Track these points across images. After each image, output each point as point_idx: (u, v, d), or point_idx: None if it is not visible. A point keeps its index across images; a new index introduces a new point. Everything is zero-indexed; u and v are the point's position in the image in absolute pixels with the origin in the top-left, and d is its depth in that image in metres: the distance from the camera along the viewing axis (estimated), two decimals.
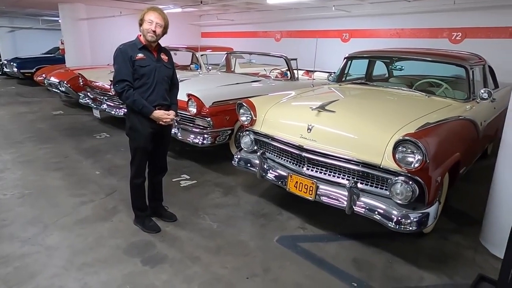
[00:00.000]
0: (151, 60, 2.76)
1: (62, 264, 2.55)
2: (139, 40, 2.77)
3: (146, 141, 2.84)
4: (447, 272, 2.60)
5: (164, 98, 2.85)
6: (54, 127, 6.54)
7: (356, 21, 8.68)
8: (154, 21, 2.68)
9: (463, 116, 3.08)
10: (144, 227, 3.04)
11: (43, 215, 3.25)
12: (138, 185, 2.97)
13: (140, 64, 2.70)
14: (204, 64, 6.73)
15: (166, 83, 2.88)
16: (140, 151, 2.86)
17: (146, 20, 2.68)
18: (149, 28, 2.67)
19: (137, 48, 2.73)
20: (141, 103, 2.71)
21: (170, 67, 2.91)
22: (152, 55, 2.79)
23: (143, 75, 2.72)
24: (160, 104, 2.81)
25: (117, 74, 2.71)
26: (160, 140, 2.96)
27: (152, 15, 2.68)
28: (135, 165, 2.91)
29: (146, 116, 2.75)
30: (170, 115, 2.83)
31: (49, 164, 4.58)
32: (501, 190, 2.76)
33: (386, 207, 2.56)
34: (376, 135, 2.65)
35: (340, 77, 4.45)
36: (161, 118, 2.78)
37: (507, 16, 6.34)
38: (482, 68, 4.08)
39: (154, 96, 2.77)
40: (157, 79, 2.78)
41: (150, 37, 2.70)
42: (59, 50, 12.74)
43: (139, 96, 2.71)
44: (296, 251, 2.82)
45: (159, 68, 2.79)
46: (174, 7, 9.61)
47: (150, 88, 2.75)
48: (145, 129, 2.80)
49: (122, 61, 2.68)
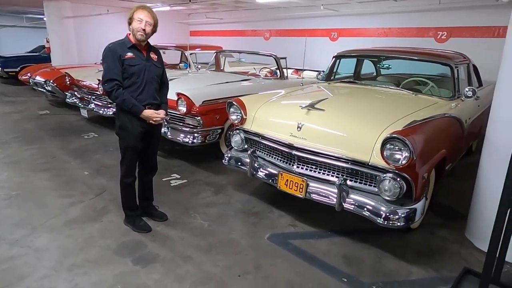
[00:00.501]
0: (140, 59, 2.75)
1: (52, 266, 2.53)
2: (129, 39, 2.75)
3: (136, 140, 2.82)
4: (434, 266, 2.67)
5: (154, 98, 2.84)
6: (40, 127, 6.42)
7: (344, 20, 8.76)
8: (144, 20, 2.67)
9: (448, 114, 3.15)
10: (134, 227, 3.02)
11: (31, 216, 3.21)
12: (128, 184, 2.96)
13: (130, 63, 2.69)
14: (194, 63, 6.71)
15: (156, 82, 2.87)
16: (130, 150, 2.85)
17: (135, 19, 2.67)
18: (139, 26, 2.66)
19: (127, 47, 2.71)
20: (130, 102, 2.69)
21: (160, 66, 2.91)
22: (142, 54, 2.78)
23: (132, 74, 2.71)
24: (150, 103, 2.80)
25: (106, 73, 2.69)
26: (150, 140, 2.95)
27: (142, 13, 2.68)
28: (125, 164, 2.90)
29: (136, 115, 2.74)
30: (160, 114, 2.82)
31: (36, 165, 4.51)
32: (485, 186, 2.85)
33: (374, 203, 2.61)
34: (365, 133, 2.69)
35: (329, 75, 4.49)
36: (151, 117, 2.77)
37: (490, 16, 6.50)
38: (466, 67, 4.18)
39: (144, 95, 2.76)
40: (147, 78, 2.77)
41: (140, 36, 2.69)
42: (44, 48, 12.49)
43: (128, 95, 2.70)
44: (287, 249, 2.85)
45: (148, 68, 2.78)
46: (162, 5, 9.53)
47: (140, 87, 2.74)
48: (135, 128, 2.79)
49: (111, 60, 2.67)
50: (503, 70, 2.69)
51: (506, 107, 2.64)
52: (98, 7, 10.15)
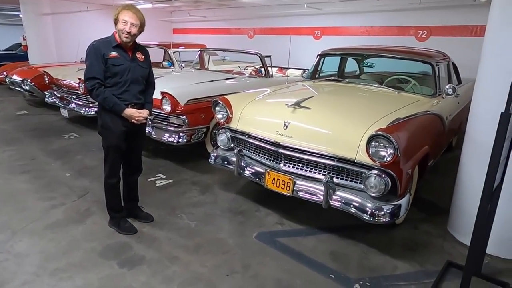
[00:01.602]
0: (125, 59, 2.70)
1: (34, 271, 2.45)
2: (114, 38, 2.68)
3: (118, 139, 2.77)
4: (418, 260, 2.73)
5: (137, 98, 2.79)
6: (18, 128, 6.21)
7: (327, 18, 8.84)
8: (129, 22, 2.60)
9: (430, 111, 3.22)
10: (119, 228, 2.97)
11: (10, 220, 3.10)
12: (112, 185, 2.90)
13: (113, 62, 2.64)
14: (177, 61, 6.62)
15: (141, 83, 2.82)
16: (112, 149, 2.79)
17: (120, 20, 2.61)
18: (124, 28, 2.60)
19: (111, 46, 2.65)
20: (112, 101, 2.64)
21: (145, 67, 2.84)
22: (127, 54, 2.72)
23: (115, 74, 2.66)
24: (132, 103, 2.75)
25: (88, 71, 2.64)
26: (134, 139, 2.90)
27: (127, 15, 2.60)
28: (109, 164, 2.84)
29: (118, 114, 2.69)
30: (143, 113, 2.77)
31: (15, 167, 4.36)
32: (466, 181, 2.93)
33: (361, 200, 2.64)
34: (350, 131, 2.73)
35: (313, 74, 4.52)
36: (133, 116, 2.72)
37: (468, 15, 6.69)
38: (446, 65, 4.28)
39: (127, 95, 2.72)
40: (131, 79, 2.71)
41: (125, 38, 2.64)
42: (21, 46, 12.05)
43: (110, 94, 2.65)
44: (275, 247, 2.86)
45: (133, 68, 2.73)
46: (144, 2, 9.38)
47: (123, 87, 2.70)
48: (117, 127, 2.74)
49: (94, 58, 2.61)
50: (482, 68, 2.77)
51: (485, 104, 2.72)
52: (78, 3, 9.89)
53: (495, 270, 2.64)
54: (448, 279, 2.52)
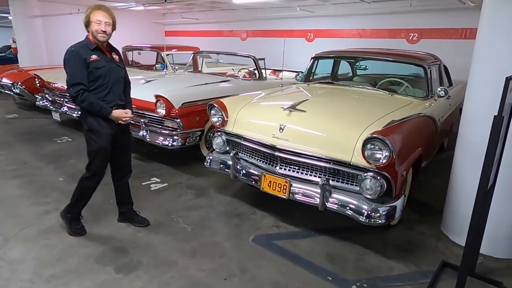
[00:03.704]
0: (105, 61, 2.70)
1: (28, 278, 2.41)
2: (90, 41, 2.67)
3: (107, 142, 2.78)
4: (413, 261, 2.77)
5: (120, 98, 2.84)
6: (8, 132, 6.12)
7: (320, 21, 8.91)
8: (103, 21, 2.60)
9: (423, 113, 3.27)
10: (70, 230, 2.95)
11: (3, 227, 3.05)
12: (89, 187, 2.87)
13: (95, 65, 2.63)
14: (170, 64, 6.60)
15: (122, 82, 2.86)
16: (101, 153, 2.78)
17: (93, 21, 2.60)
18: (99, 28, 2.59)
19: (90, 49, 2.64)
20: (98, 105, 2.65)
21: (122, 67, 2.88)
22: (105, 55, 2.73)
23: (98, 77, 2.65)
24: (117, 104, 2.79)
25: (71, 77, 2.61)
26: (122, 140, 2.91)
27: (99, 14, 2.60)
28: (93, 167, 2.81)
29: (105, 117, 2.69)
30: (128, 113, 2.81)
31: (6, 172, 4.29)
32: (459, 182, 2.97)
33: (357, 202, 2.67)
34: (346, 134, 2.75)
35: (307, 76, 4.55)
36: (120, 117, 2.75)
37: (458, 18, 6.81)
38: (438, 67, 4.35)
39: (111, 96, 2.74)
40: (113, 79, 2.74)
41: (102, 38, 2.63)
42: (10, 49, 11.89)
43: (95, 98, 2.65)
44: (272, 249, 2.87)
45: (113, 69, 2.75)
46: (136, 5, 9.33)
47: (107, 89, 2.71)
48: (105, 130, 2.75)
49: (75, 63, 2.59)
50: (474, 71, 2.82)
51: (477, 106, 2.77)
52: (69, 6, 9.79)
53: (488, 269, 2.68)
54: (443, 279, 2.55)
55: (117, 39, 8.21)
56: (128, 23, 11.57)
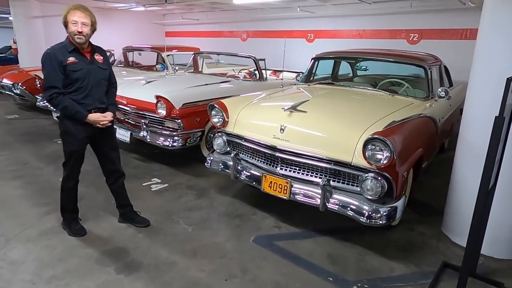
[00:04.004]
0: (83, 63, 2.62)
1: (29, 279, 2.41)
2: (69, 42, 2.60)
3: (81, 145, 2.75)
4: (414, 261, 2.76)
5: (101, 102, 2.74)
6: (9, 132, 6.12)
7: (320, 22, 8.91)
8: (79, 22, 2.51)
9: (424, 114, 3.27)
10: (70, 230, 2.96)
11: (3, 228, 3.05)
12: (69, 188, 2.89)
13: (72, 68, 2.56)
14: (171, 65, 6.60)
15: (104, 85, 2.77)
16: (74, 155, 2.76)
17: (69, 22, 2.52)
18: (75, 30, 2.51)
19: (68, 51, 2.57)
20: (73, 109, 2.58)
21: (106, 68, 2.78)
22: (85, 57, 2.65)
23: (76, 80, 2.58)
24: (96, 107, 2.71)
25: (46, 80, 2.56)
26: (104, 142, 2.88)
27: (75, 15, 2.52)
28: (68, 169, 2.82)
29: (81, 120, 2.64)
30: (107, 117, 2.72)
31: (6, 172, 4.29)
32: (460, 182, 2.97)
33: (358, 203, 2.67)
34: (347, 134, 2.75)
35: (308, 77, 4.55)
36: (97, 121, 2.68)
37: (458, 19, 6.81)
38: (438, 68, 4.35)
39: (89, 100, 2.66)
40: (92, 82, 2.66)
41: (79, 39, 2.55)
42: (11, 49, 11.89)
43: (70, 101, 2.58)
44: (273, 250, 2.87)
45: (93, 71, 2.66)
46: (136, 5, 9.34)
47: (84, 92, 2.63)
48: (80, 133, 2.70)
49: (51, 66, 2.53)
50: (474, 72, 2.82)
51: (478, 107, 2.77)
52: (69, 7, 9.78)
53: (489, 270, 2.68)
54: (444, 279, 2.55)
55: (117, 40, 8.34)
56: (128, 23, 11.61)
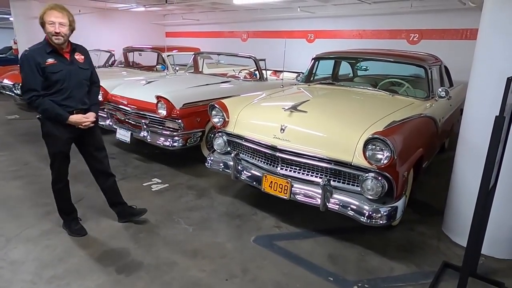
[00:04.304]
0: (63, 64, 2.57)
1: (30, 279, 2.41)
2: (48, 43, 2.55)
3: (64, 146, 2.71)
4: (414, 261, 2.76)
5: (83, 103, 2.70)
6: (9, 133, 6.13)
7: (320, 22, 8.91)
8: (56, 22, 2.46)
9: (424, 114, 3.27)
10: (70, 231, 2.96)
11: (4, 228, 3.05)
12: (60, 189, 2.87)
13: (51, 70, 2.51)
14: (171, 65, 6.60)
15: (85, 85, 2.73)
16: (59, 156, 2.73)
17: (46, 22, 2.47)
18: (52, 30, 2.46)
19: (46, 52, 2.52)
20: (54, 111, 2.55)
21: (87, 68, 2.74)
22: (64, 58, 2.60)
23: (56, 82, 2.54)
24: (78, 109, 2.67)
25: (24, 82, 2.53)
26: (88, 145, 2.86)
27: (52, 15, 2.46)
28: (55, 170, 2.79)
29: (62, 122, 2.61)
30: (89, 118, 2.69)
31: (7, 172, 4.30)
32: (460, 182, 2.97)
33: (358, 202, 2.67)
34: (347, 134, 2.76)
35: (308, 77, 4.55)
36: (79, 123, 2.65)
37: (458, 19, 6.80)
38: (439, 68, 4.35)
39: (71, 101, 2.62)
40: (73, 83, 2.62)
41: (56, 40, 2.49)
42: (11, 50, 11.91)
43: (51, 104, 2.54)
44: (273, 250, 2.87)
45: (73, 72, 2.62)
46: (137, 6, 9.34)
47: (65, 93, 2.59)
48: (63, 135, 2.67)
49: (29, 68, 2.48)
50: (475, 72, 2.82)
51: (478, 107, 2.77)
52: (70, 7, 9.75)
53: (490, 270, 2.68)
54: (445, 279, 2.55)
55: (118, 40, 8.36)
56: (129, 24, 11.61)
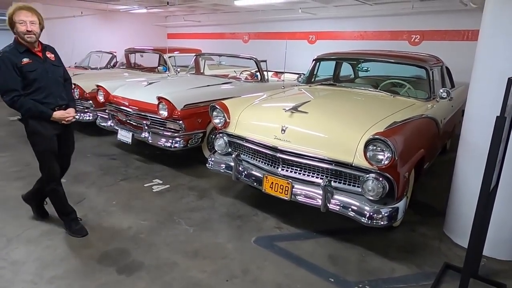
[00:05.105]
0: (38, 62, 2.63)
1: (31, 279, 2.42)
2: (19, 43, 2.59)
3: (52, 142, 2.76)
4: (416, 262, 2.75)
5: (62, 98, 2.79)
6: (11, 134, 6.14)
7: (322, 23, 8.92)
8: (27, 21, 2.51)
9: (425, 115, 3.27)
10: (71, 231, 2.96)
11: (5, 228, 3.06)
12: (54, 189, 2.89)
13: (28, 69, 2.56)
14: (173, 66, 6.62)
15: (61, 82, 2.81)
16: (47, 154, 2.76)
17: (17, 22, 2.51)
18: (24, 29, 2.50)
19: (20, 52, 2.56)
20: (37, 110, 2.61)
21: (59, 65, 2.82)
22: (38, 57, 2.65)
23: (34, 80, 2.59)
24: (58, 105, 2.74)
25: (3, 84, 2.56)
26: (66, 141, 2.92)
27: (21, 15, 2.51)
28: (45, 170, 2.82)
29: (47, 119, 2.67)
30: (70, 113, 2.79)
31: (9, 173, 4.31)
32: (462, 183, 2.96)
33: (359, 203, 2.66)
34: (348, 135, 2.75)
35: (309, 78, 4.56)
36: (62, 118, 2.73)
37: (459, 20, 6.80)
38: (440, 69, 4.35)
39: (51, 98, 2.69)
40: (51, 81, 2.69)
41: (29, 39, 2.54)
42: None
43: (33, 102, 2.60)
44: (274, 251, 2.86)
45: (49, 69, 2.69)
46: (139, 7, 9.37)
47: (44, 91, 2.65)
48: (49, 131, 2.72)
49: (6, 69, 2.51)
50: (476, 72, 2.81)
51: (480, 107, 2.76)
52: (72, 9, 9.85)
53: (492, 271, 2.67)
54: (446, 281, 2.54)
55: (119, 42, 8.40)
56: (130, 25, 11.66)
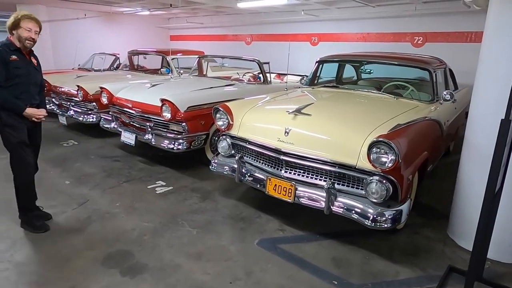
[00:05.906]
0: (24, 62, 2.87)
1: (35, 280, 2.43)
2: (12, 43, 2.83)
3: (24, 134, 2.90)
4: (420, 265, 2.74)
5: (35, 99, 2.98)
6: None
7: (324, 25, 8.93)
8: (33, 29, 2.81)
9: (429, 117, 3.26)
10: (33, 228, 3.03)
11: (9, 230, 3.08)
12: (27, 183, 3.03)
13: (15, 65, 2.79)
14: (175, 68, 6.64)
15: (38, 85, 3.02)
16: (20, 146, 2.90)
17: (23, 27, 2.78)
18: (28, 35, 2.79)
19: (10, 50, 2.80)
20: (12, 102, 2.80)
21: (40, 70, 3.08)
22: (25, 57, 2.90)
23: (17, 76, 2.81)
24: (31, 103, 2.92)
25: None
26: (37, 138, 3.10)
27: (30, 23, 2.80)
28: (18, 161, 2.95)
29: (19, 113, 2.84)
30: (42, 112, 2.97)
31: (11, 175, 4.28)
32: (466, 185, 2.95)
33: (362, 206, 2.66)
34: (351, 137, 2.75)
35: (312, 80, 4.56)
36: (34, 115, 2.90)
37: (463, 22, 6.80)
38: (443, 71, 4.34)
39: (27, 95, 2.88)
40: (32, 81, 2.92)
41: (29, 44, 2.82)
42: None
43: (9, 95, 2.79)
44: (277, 253, 2.86)
45: (32, 71, 2.94)
46: (142, 10, 9.41)
47: (22, 88, 2.85)
48: (20, 124, 2.88)
49: None
50: (480, 73, 2.81)
51: (484, 110, 2.76)
52: (76, 11, 9.91)
53: (496, 274, 2.66)
54: (450, 284, 2.53)
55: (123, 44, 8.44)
56: (133, 27, 11.71)
